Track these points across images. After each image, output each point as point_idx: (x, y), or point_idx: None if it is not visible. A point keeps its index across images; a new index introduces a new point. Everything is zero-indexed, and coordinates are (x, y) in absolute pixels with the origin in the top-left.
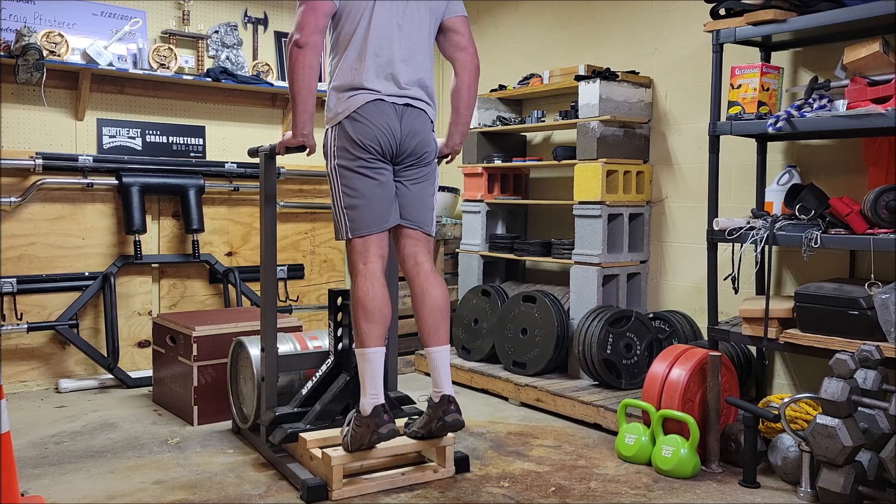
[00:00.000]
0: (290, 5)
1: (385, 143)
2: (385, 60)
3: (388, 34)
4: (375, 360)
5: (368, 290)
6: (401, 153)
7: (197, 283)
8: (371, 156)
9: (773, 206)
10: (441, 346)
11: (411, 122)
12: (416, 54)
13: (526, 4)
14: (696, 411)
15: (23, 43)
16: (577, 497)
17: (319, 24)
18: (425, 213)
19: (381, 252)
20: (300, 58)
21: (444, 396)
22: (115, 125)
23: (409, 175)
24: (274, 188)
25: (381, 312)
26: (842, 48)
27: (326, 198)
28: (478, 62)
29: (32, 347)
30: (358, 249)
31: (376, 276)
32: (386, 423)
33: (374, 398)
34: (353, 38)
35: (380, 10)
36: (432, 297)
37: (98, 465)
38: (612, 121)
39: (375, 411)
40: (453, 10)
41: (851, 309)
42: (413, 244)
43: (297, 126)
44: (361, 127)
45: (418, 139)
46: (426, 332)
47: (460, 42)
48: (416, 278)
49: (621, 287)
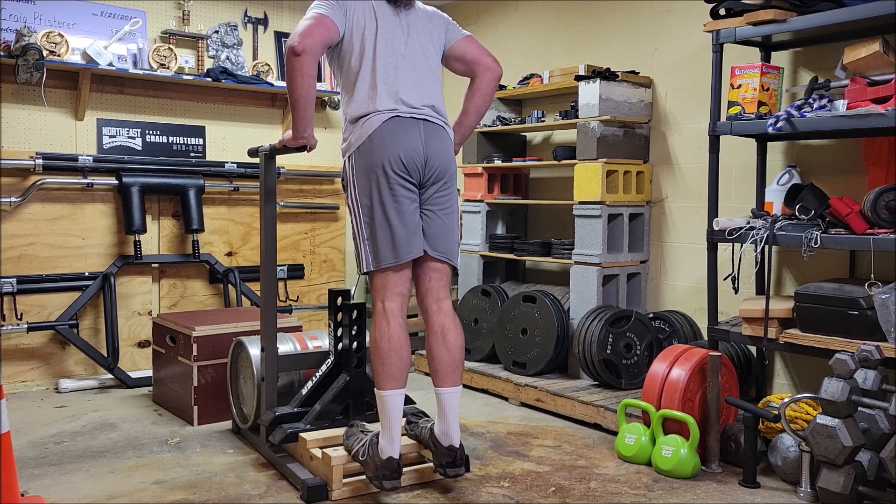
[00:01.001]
0: (289, 5)
1: (409, 161)
2: (392, 87)
3: (392, 63)
4: (391, 405)
5: (384, 332)
6: (427, 172)
7: (197, 283)
8: (395, 177)
9: (773, 206)
10: (454, 387)
11: (434, 139)
12: (423, 80)
13: (526, 4)
14: (696, 411)
15: (23, 43)
16: (577, 497)
17: (321, 38)
18: (453, 243)
19: (400, 290)
20: (298, 64)
21: (450, 448)
22: (115, 125)
23: (436, 202)
24: (274, 188)
25: (396, 355)
26: (842, 48)
27: (326, 198)
28: (501, 71)
29: (32, 347)
30: (377, 287)
31: (394, 315)
32: (392, 480)
33: (390, 447)
34: (362, 70)
35: (382, 40)
36: (453, 338)
37: (98, 465)
38: (612, 121)
39: (389, 463)
40: (454, 36)
41: (851, 309)
42: (438, 278)
43: (297, 129)
44: (381, 147)
45: (443, 157)
46: (442, 372)
47: (475, 58)
48: (437, 315)
49: (621, 287)
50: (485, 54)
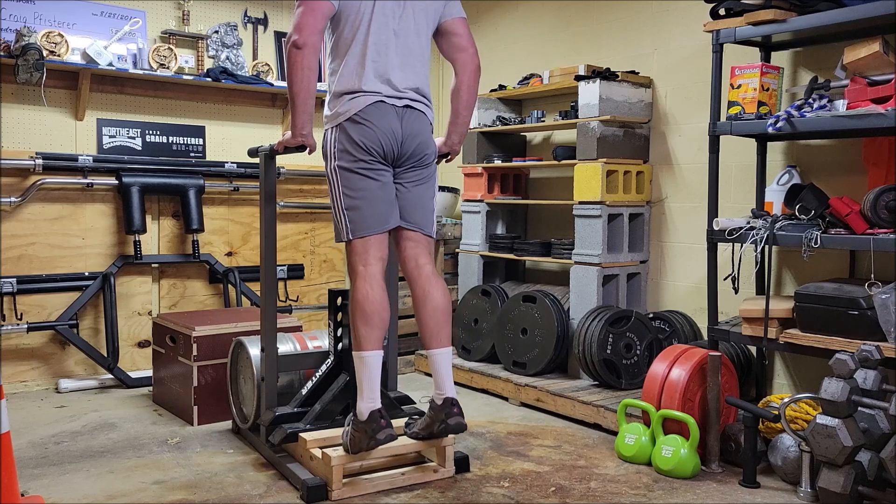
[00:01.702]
0: (289, 5)
1: (387, 145)
2: (382, 66)
3: (385, 40)
4: (372, 364)
5: (368, 294)
6: (402, 155)
7: (197, 283)
8: (372, 158)
9: (773, 206)
10: (443, 348)
11: (412, 124)
12: (412, 60)
13: (526, 4)
14: (696, 411)
15: (23, 43)
16: (577, 497)
17: (318, 25)
18: (426, 215)
19: (380, 254)
20: (299, 59)
21: (446, 399)
22: (115, 125)
23: (409, 177)
24: (274, 188)
25: (379, 316)
26: (842, 48)
27: (326, 198)
28: (478, 62)
29: (32, 347)
30: (358, 251)
31: (375, 278)
32: (383, 428)
33: (370, 403)
34: (354, 43)
35: (378, 15)
36: (434, 300)
37: (98, 465)
38: (612, 121)
39: (372, 416)
40: (451, 12)
41: (851, 309)
42: (414, 246)
43: (296, 126)
44: (363, 129)
45: (418, 140)
46: (428, 334)
47: (460, 43)
48: (418, 280)
49: (621, 287)
50: (471, 44)
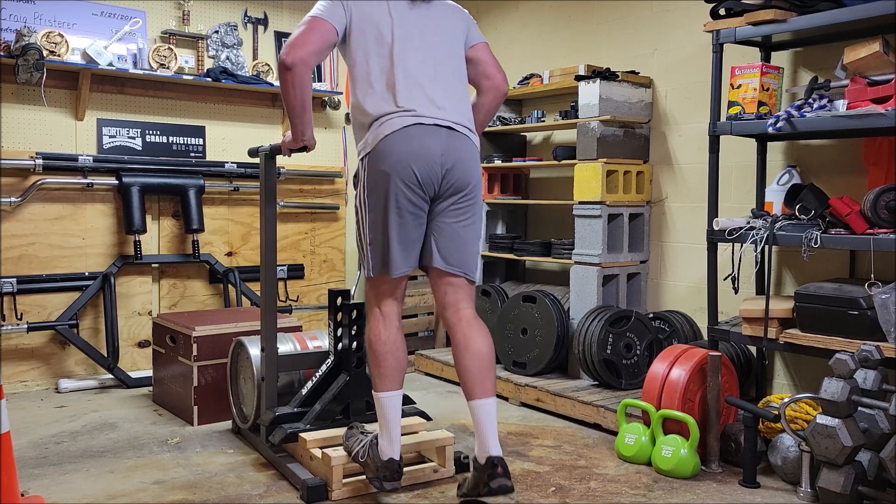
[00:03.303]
0: (289, 5)
1: (424, 173)
2: (415, 84)
3: (414, 58)
4: (388, 405)
5: (380, 334)
6: (444, 184)
7: (197, 283)
8: (404, 190)
9: (773, 206)
10: (487, 398)
11: (456, 149)
12: (450, 79)
13: (526, 4)
14: (696, 411)
15: (23, 43)
16: (577, 497)
17: (315, 46)
18: (469, 256)
19: (399, 294)
20: (289, 78)
21: (489, 459)
22: (115, 125)
23: (453, 212)
24: (274, 188)
25: (393, 356)
26: (842, 48)
27: (326, 198)
28: (506, 90)
29: (32, 347)
30: (373, 289)
31: (390, 318)
32: (393, 481)
33: (389, 449)
34: (378, 68)
35: (400, 35)
36: (477, 346)
37: (98, 465)
38: (612, 121)
39: (390, 464)
40: (474, 38)
41: (851, 309)
42: (454, 291)
43: (296, 134)
44: (396, 154)
45: (464, 168)
46: (471, 382)
47: (487, 70)
48: (458, 326)
49: (621, 287)
50: (498, 70)
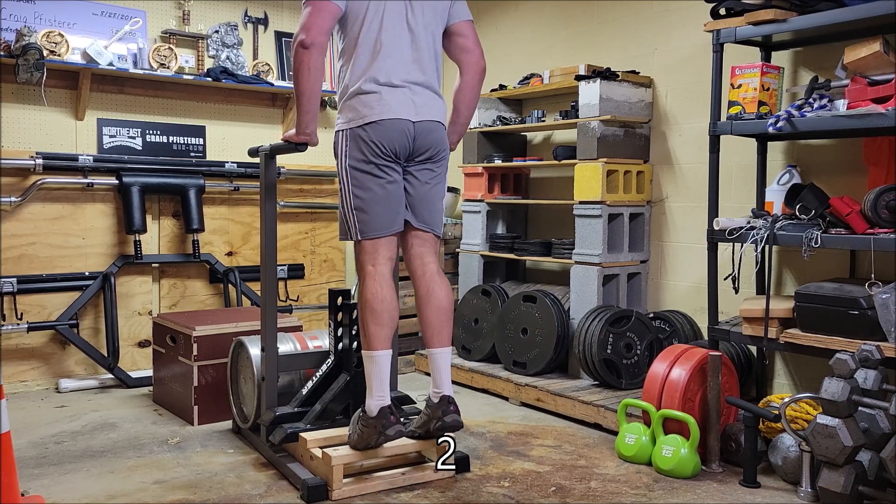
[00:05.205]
0: (290, 5)
1: (400, 144)
2: (396, 62)
3: (397, 38)
4: (382, 362)
5: (377, 292)
6: (414, 151)
7: (197, 283)
8: (384, 158)
9: (773, 206)
10: (443, 347)
11: (426, 121)
12: (425, 57)
13: (526, 4)
14: (697, 411)
15: (23, 43)
16: (578, 497)
17: (325, 25)
18: (435, 213)
19: (390, 254)
20: (306, 58)
21: (443, 397)
22: (116, 125)
23: (421, 173)
24: (274, 188)
25: (389, 315)
26: (842, 48)
27: (326, 198)
28: (484, 64)
29: (32, 347)
30: (367, 251)
31: (385, 278)
32: (392, 424)
33: (380, 399)
34: (365, 40)
35: (390, 12)
36: (437, 298)
37: (98, 465)
38: (613, 120)
39: (382, 413)
40: (458, 14)
41: (852, 309)
42: (421, 244)
43: (300, 125)
44: (376, 129)
45: (433, 137)
46: (430, 332)
47: (465, 44)
48: (422, 278)
49: (621, 287)
50: (477, 46)
